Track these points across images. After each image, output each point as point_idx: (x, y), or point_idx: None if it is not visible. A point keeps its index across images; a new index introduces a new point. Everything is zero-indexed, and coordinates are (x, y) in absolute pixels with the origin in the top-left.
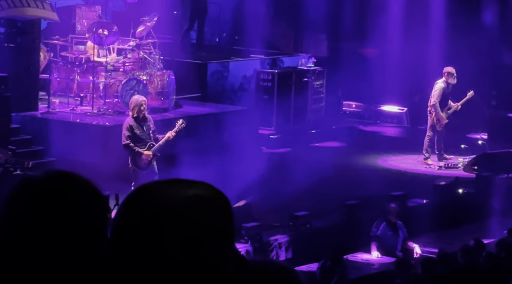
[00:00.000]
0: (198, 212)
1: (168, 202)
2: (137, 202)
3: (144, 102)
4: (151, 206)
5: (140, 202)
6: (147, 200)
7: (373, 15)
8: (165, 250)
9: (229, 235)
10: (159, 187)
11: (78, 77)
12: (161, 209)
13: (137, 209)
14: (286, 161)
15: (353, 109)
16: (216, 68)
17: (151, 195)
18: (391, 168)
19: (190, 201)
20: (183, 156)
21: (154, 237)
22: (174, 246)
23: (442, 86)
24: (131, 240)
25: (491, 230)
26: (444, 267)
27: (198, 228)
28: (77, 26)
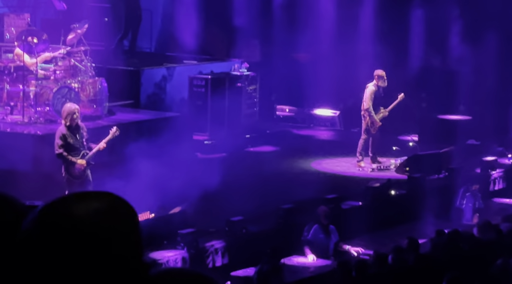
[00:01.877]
0: (102, 225)
1: (74, 218)
2: (45, 218)
3: (77, 110)
4: (58, 223)
5: (48, 218)
6: (55, 216)
7: (305, 19)
8: (70, 264)
9: (136, 243)
10: (66, 203)
11: (8, 86)
12: (68, 226)
13: (45, 224)
14: (221, 166)
15: (286, 113)
16: (149, 75)
17: (58, 212)
18: (325, 171)
19: (93, 215)
20: (117, 163)
21: (61, 251)
22: (80, 259)
23: (373, 89)
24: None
25: (423, 231)
26: (378, 268)
27: (103, 241)
28: (6, 34)
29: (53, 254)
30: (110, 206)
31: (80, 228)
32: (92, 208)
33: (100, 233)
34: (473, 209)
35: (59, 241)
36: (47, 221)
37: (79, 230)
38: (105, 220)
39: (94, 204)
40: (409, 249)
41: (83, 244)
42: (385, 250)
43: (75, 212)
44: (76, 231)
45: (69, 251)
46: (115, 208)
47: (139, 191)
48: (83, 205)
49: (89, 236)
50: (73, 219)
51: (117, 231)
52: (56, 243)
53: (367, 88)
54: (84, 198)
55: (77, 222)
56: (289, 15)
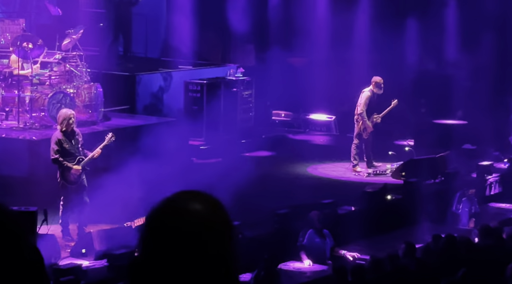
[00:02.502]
0: (211, 225)
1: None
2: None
3: (73, 116)
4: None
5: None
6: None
7: (300, 24)
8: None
9: (233, 245)
10: (181, 200)
11: (3, 92)
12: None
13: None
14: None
15: (282, 118)
16: (145, 80)
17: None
18: (321, 176)
19: (207, 213)
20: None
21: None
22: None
23: (368, 94)
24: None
25: (419, 236)
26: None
27: (212, 239)
28: (1, 39)
29: (170, 248)
30: (217, 207)
31: (197, 225)
32: (206, 207)
33: (210, 231)
34: (469, 213)
35: (176, 235)
36: (165, 215)
37: (195, 226)
38: (214, 220)
39: (208, 204)
40: (406, 253)
41: (197, 240)
42: (381, 255)
43: (191, 209)
44: (193, 227)
45: (183, 245)
46: (221, 210)
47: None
48: (199, 203)
49: (200, 233)
50: (190, 216)
51: (219, 230)
52: (173, 236)
53: (363, 93)
54: (198, 197)
55: (194, 218)
56: (285, 20)
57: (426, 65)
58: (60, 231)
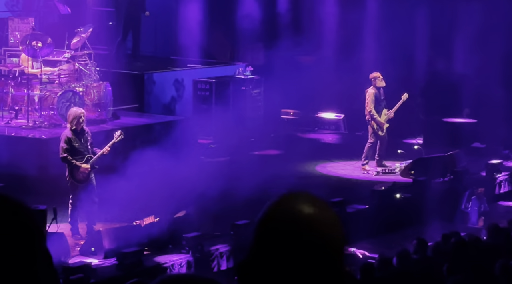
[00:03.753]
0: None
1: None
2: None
3: (83, 114)
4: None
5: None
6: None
7: (309, 22)
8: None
9: (342, 248)
10: (295, 201)
11: (12, 90)
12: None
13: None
14: (225, 170)
15: (291, 117)
16: (153, 78)
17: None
18: (330, 174)
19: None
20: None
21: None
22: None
23: (373, 92)
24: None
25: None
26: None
27: (320, 242)
28: (10, 38)
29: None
30: (328, 210)
31: (304, 226)
32: (317, 210)
33: (320, 233)
34: (479, 212)
35: (287, 234)
36: (278, 214)
37: (303, 227)
38: (326, 223)
39: (321, 207)
40: (418, 250)
41: (305, 240)
42: (390, 253)
43: (301, 210)
44: (300, 227)
45: (292, 245)
46: (331, 212)
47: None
48: (311, 206)
49: (310, 234)
50: (299, 216)
51: (332, 233)
52: (284, 236)
53: (367, 92)
54: (310, 200)
55: (303, 219)
56: (293, 18)
57: (435, 63)
58: (70, 229)
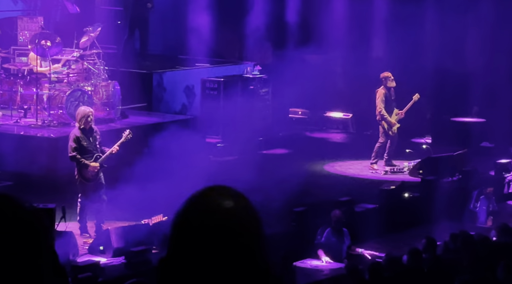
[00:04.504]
0: (241, 220)
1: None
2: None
3: (91, 113)
4: None
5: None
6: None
7: (317, 21)
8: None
9: (262, 239)
10: (213, 196)
11: (21, 89)
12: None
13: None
14: (233, 169)
15: (299, 116)
16: (162, 78)
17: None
18: (338, 173)
19: (238, 209)
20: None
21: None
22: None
23: (383, 92)
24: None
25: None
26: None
27: (241, 233)
28: (19, 37)
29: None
30: (247, 203)
31: (229, 221)
32: (236, 203)
33: (239, 226)
34: (487, 212)
35: (205, 230)
36: (196, 210)
37: (226, 223)
38: (245, 216)
39: (239, 200)
40: (427, 249)
41: (229, 237)
42: (398, 253)
43: (222, 205)
44: (224, 223)
45: (212, 238)
46: (250, 205)
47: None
48: (229, 199)
49: (232, 230)
50: (218, 210)
51: (251, 226)
52: (203, 232)
53: (377, 92)
54: (228, 193)
55: (222, 213)
56: (302, 17)
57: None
58: (78, 228)
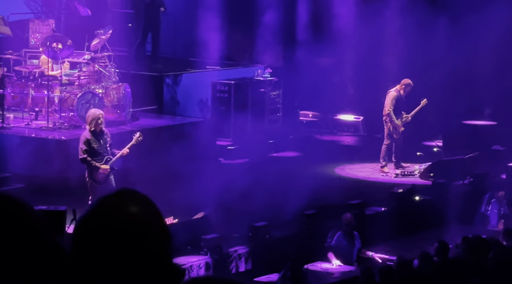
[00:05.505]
0: (144, 224)
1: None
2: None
3: (101, 116)
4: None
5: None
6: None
7: (328, 24)
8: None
9: (168, 243)
10: (118, 200)
11: (33, 92)
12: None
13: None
14: (244, 172)
15: (309, 119)
16: (172, 80)
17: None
18: (348, 176)
19: (134, 218)
20: (141, 168)
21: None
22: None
23: (395, 94)
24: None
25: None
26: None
27: (145, 238)
28: (31, 40)
29: (105, 248)
30: (151, 207)
31: (132, 226)
32: (140, 207)
33: (143, 230)
34: (499, 215)
35: (111, 236)
36: (101, 217)
37: (130, 225)
38: (146, 220)
39: (144, 205)
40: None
41: (131, 240)
42: (409, 256)
43: (127, 210)
44: (128, 228)
45: (118, 246)
46: (155, 210)
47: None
48: (133, 203)
49: (135, 233)
50: (123, 215)
51: (154, 230)
52: (108, 238)
53: (389, 94)
54: (132, 197)
55: (127, 218)
56: (313, 20)
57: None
58: None
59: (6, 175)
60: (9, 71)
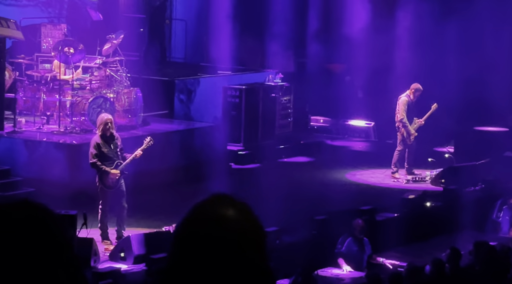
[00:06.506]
0: (242, 229)
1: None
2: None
3: (110, 121)
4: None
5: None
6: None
7: (340, 30)
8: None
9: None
10: (214, 205)
11: (44, 96)
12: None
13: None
14: (255, 177)
15: (320, 124)
16: (184, 85)
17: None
18: (359, 182)
19: (238, 218)
20: (151, 173)
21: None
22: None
23: (406, 100)
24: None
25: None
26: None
27: (242, 242)
28: (43, 44)
29: (200, 252)
30: (248, 213)
31: (230, 231)
32: (238, 212)
33: (240, 235)
34: (510, 222)
35: (206, 239)
36: (197, 219)
37: (225, 231)
38: (247, 226)
39: (242, 210)
40: (451, 259)
41: (230, 247)
42: (419, 262)
43: (223, 215)
44: (223, 231)
45: (215, 249)
46: (252, 215)
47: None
48: (230, 209)
49: (232, 237)
50: (221, 220)
51: (254, 236)
52: (203, 241)
53: (400, 100)
54: (229, 203)
55: (225, 223)
56: (324, 26)
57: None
58: (99, 234)
59: (17, 179)
60: (21, 76)
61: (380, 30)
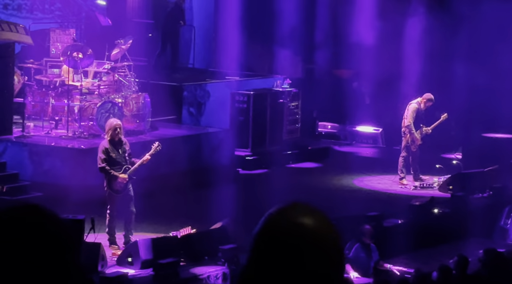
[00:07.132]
0: (320, 239)
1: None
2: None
3: (118, 126)
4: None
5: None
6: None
7: (348, 36)
8: None
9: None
10: (293, 212)
11: (53, 101)
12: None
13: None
14: (262, 182)
15: (328, 130)
16: (192, 90)
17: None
18: (366, 188)
19: (317, 228)
20: (159, 178)
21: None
22: None
23: (416, 107)
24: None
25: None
26: None
27: (317, 253)
28: (52, 49)
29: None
30: (329, 223)
31: (305, 238)
32: (317, 221)
33: (322, 243)
34: None
35: (284, 246)
36: (276, 226)
37: (304, 240)
38: (326, 233)
39: (320, 217)
40: (458, 266)
41: (306, 252)
42: (427, 269)
43: (302, 222)
44: (301, 240)
45: (293, 260)
46: (333, 226)
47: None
48: (312, 218)
49: (310, 246)
50: (300, 228)
51: (332, 243)
52: (281, 248)
53: (410, 105)
54: (310, 212)
55: (304, 232)
56: (332, 32)
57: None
58: (107, 239)
59: (25, 184)
60: (30, 80)
61: (388, 36)
